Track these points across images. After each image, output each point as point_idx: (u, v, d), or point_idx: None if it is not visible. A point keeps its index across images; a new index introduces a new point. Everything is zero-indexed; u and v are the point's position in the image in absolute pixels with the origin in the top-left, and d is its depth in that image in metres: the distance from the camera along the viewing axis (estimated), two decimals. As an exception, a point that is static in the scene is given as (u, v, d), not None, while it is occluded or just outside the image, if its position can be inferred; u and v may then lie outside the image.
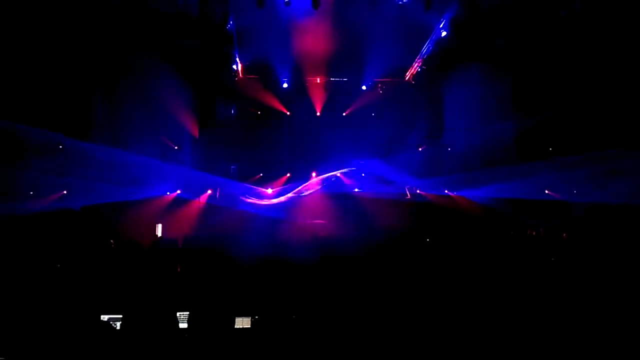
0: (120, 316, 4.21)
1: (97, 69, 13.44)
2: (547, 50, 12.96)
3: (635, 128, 11.62)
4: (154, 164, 14.61)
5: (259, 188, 17.09)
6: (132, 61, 13.52)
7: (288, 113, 17.63)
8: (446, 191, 17.04)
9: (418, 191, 17.46)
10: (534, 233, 12.87)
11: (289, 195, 17.19)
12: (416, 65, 16.44)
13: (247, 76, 16.93)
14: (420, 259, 8.81)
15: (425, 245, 12.10)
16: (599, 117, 12.66)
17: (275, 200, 17.03)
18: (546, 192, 15.13)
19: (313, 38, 13.98)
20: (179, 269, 7.91)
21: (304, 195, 17.22)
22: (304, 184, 17.59)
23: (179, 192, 15.88)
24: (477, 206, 15.71)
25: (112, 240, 10.68)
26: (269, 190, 17.22)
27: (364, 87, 17.33)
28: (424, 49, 15.39)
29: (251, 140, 17.22)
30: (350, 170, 17.88)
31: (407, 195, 17.38)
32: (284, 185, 17.56)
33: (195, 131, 16.33)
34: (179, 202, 15.71)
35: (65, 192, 14.30)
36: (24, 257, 8.32)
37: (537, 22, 12.33)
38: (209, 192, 16.30)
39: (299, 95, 17.25)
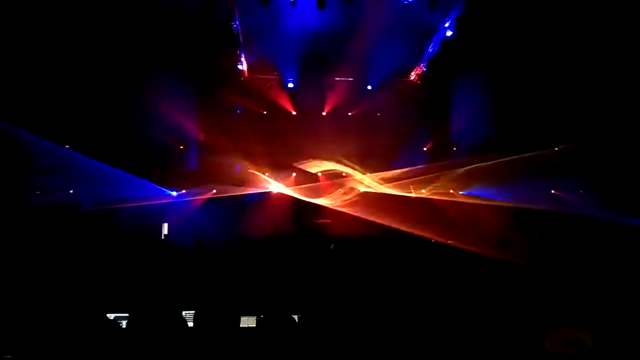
0: (127, 315, 4.24)
1: (100, 69, 13.47)
2: (554, 48, 12.90)
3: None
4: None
5: None
6: (135, 60, 13.55)
7: (294, 113, 17.63)
8: (451, 190, 17.00)
9: (423, 191, 17.43)
10: (537, 234, 12.84)
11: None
12: (421, 64, 16.40)
13: (253, 76, 16.94)
14: (422, 259, 8.81)
15: (429, 245, 12.09)
16: (605, 114, 12.60)
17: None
18: (552, 191, 15.09)
19: (319, 37, 13.97)
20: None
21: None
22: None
23: (183, 191, 15.93)
24: (482, 206, 15.65)
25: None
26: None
27: (369, 87, 17.30)
28: (430, 49, 15.36)
29: (257, 140, 17.22)
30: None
31: (411, 193, 17.36)
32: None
33: (200, 131, 16.35)
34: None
35: (71, 190, 14.38)
36: (30, 255, 8.37)
37: (544, 20, 12.27)
38: (214, 191, 16.32)
39: (304, 94, 17.24)
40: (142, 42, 13.24)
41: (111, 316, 4.40)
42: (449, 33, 13.81)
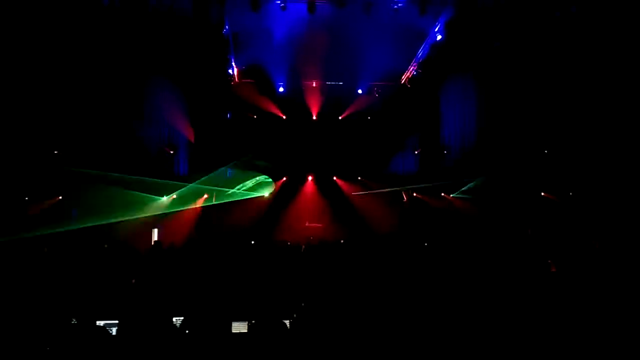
0: (116, 322, 4.20)
1: (93, 75, 13.42)
2: (543, 52, 13.00)
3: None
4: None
5: None
6: (127, 66, 13.51)
7: (284, 117, 17.64)
8: (442, 194, 17.07)
9: (414, 194, 17.48)
10: (529, 232, 12.95)
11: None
12: (412, 68, 16.47)
13: (243, 80, 16.93)
14: (417, 263, 8.80)
15: (423, 249, 12.11)
16: (595, 118, 12.70)
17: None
18: (542, 194, 15.18)
19: (309, 42, 13.98)
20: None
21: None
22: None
23: (174, 196, 15.86)
24: (473, 208, 15.74)
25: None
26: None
27: (359, 91, 17.36)
28: (420, 53, 15.42)
29: (247, 145, 17.21)
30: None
31: (404, 198, 17.42)
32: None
33: (191, 136, 16.31)
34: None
35: (60, 197, 14.30)
36: (20, 262, 8.28)
37: (533, 25, 12.36)
38: (206, 196, 16.28)
39: (294, 99, 17.26)
40: (133, 47, 13.19)
41: (101, 323, 4.34)
42: (439, 37, 13.88)
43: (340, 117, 17.81)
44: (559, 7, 11.80)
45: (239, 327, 4.36)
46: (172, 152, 16.09)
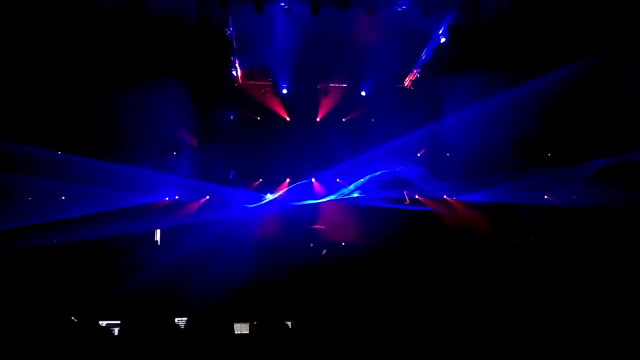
0: (119, 322, 4.20)
1: (95, 77, 13.45)
2: (545, 54, 12.99)
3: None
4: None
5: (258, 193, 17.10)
6: (130, 69, 13.54)
7: (288, 119, 17.64)
8: (445, 196, 17.04)
9: (416, 196, 17.46)
10: (531, 238, 12.90)
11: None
12: (415, 71, 16.46)
13: (247, 82, 16.94)
14: (419, 266, 8.80)
15: (427, 251, 12.09)
16: (597, 121, 12.68)
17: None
18: (545, 197, 15.14)
19: (313, 44, 14.00)
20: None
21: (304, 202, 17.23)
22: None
23: (177, 197, 15.87)
24: (476, 211, 15.71)
25: None
26: (269, 196, 17.21)
27: (363, 93, 17.35)
28: (423, 55, 15.42)
29: (251, 146, 17.18)
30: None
31: (406, 201, 17.40)
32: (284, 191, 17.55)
33: (194, 137, 16.32)
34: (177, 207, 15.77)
35: (63, 197, 14.29)
36: (22, 262, 8.30)
37: (535, 28, 12.36)
38: (207, 197, 16.29)
39: (298, 101, 17.25)
40: (136, 49, 13.22)
41: (103, 323, 4.35)
42: (442, 40, 13.89)
43: (344, 119, 17.80)
44: (560, 9, 11.80)
45: (241, 329, 4.36)
46: (175, 153, 16.09)
